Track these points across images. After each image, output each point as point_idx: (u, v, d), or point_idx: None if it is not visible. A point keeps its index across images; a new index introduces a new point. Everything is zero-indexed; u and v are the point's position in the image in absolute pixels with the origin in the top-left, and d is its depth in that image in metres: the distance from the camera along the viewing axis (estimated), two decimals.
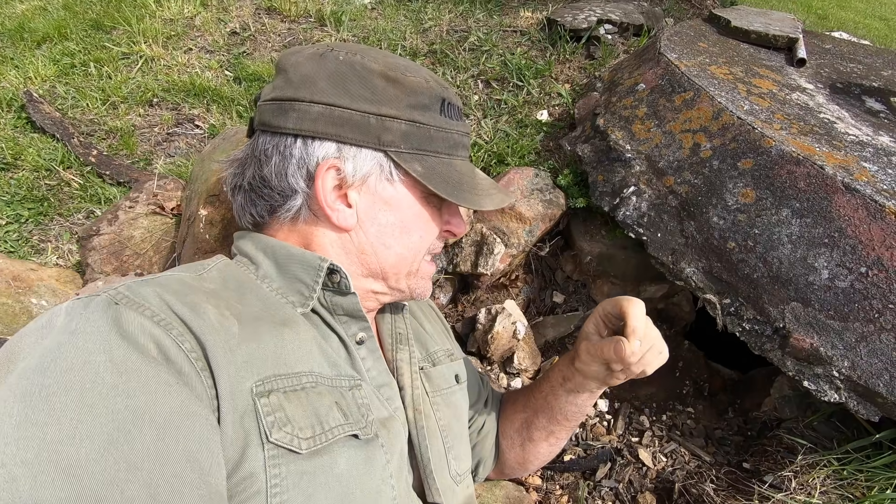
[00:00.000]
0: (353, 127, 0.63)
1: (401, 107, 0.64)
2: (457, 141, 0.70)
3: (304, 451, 0.50)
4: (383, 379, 0.67)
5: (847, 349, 1.04)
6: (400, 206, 0.68)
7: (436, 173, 0.67)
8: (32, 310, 1.13)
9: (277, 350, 0.54)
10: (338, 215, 0.65)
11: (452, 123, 0.69)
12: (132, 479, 0.39)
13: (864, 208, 1.08)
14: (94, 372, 0.41)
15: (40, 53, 2.15)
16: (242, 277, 0.62)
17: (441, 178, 0.67)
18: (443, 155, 0.68)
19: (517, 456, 0.94)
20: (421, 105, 0.66)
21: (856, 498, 1.05)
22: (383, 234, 0.68)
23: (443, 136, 0.68)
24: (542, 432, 0.90)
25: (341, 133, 0.62)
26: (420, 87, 0.66)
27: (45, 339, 0.43)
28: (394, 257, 0.69)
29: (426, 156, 0.67)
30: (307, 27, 2.44)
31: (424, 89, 0.66)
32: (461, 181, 0.69)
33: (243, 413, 0.48)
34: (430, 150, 0.67)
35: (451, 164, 0.69)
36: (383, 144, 0.64)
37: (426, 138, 0.66)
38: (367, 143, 0.63)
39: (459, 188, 0.68)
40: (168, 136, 1.92)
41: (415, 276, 0.72)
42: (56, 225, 1.56)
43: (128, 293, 0.48)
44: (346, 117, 0.62)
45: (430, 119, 0.66)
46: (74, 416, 0.39)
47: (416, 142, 0.65)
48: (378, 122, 0.63)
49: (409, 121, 0.65)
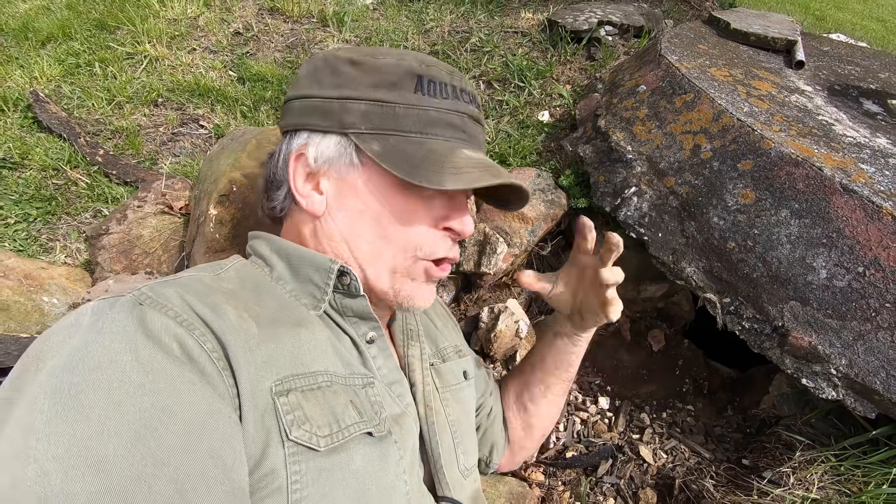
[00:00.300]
0: (319, 113, 0.65)
1: (361, 87, 0.63)
2: (435, 119, 0.64)
3: (322, 449, 0.52)
4: (394, 376, 0.68)
5: (845, 347, 1.06)
6: (367, 191, 0.64)
7: (396, 152, 0.62)
8: (44, 307, 1.15)
9: (294, 350, 0.56)
10: (307, 201, 0.66)
11: (431, 101, 0.64)
12: (159, 474, 0.40)
13: (862, 209, 1.11)
14: (120, 370, 0.42)
15: (45, 53, 2.16)
16: (259, 278, 0.63)
17: (402, 158, 0.62)
18: (413, 134, 0.63)
19: (522, 422, 0.98)
20: (386, 83, 0.63)
21: (853, 493, 1.07)
22: (350, 219, 0.65)
23: (414, 113, 0.63)
24: (539, 387, 0.96)
25: (309, 121, 0.65)
26: (387, 66, 0.63)
27: (73, 337, 0.45)
28: (366, 246, 0.65)
29: (389, 135, 0.63)
30: (310, 27, 2.45)
31: (391, 67, 0.63)
32: (426, 158, 0.62)
33: (264, 411, 0.50)
34: (396, 129, 0.63)
35: (423, 143, 0.63)
36: (345, 127, 0.63)
37: (390, 117, 0.63)
38: (330, 127, 0.64)
39: (423, 167, 0.61)
40: (173, 136, 1.94)
41: (401, 277, 0.66)
42: (64, 224, 1.57)
43: (151, 294, 0.50)
44: (314, 105, 0.65)
45: (397, 97, 0.63)
46: (102, 412, 0.40)
47: (377, 121, 0.63)
48: (340, 105, 0.63)
49: (371, 100, 0.63)
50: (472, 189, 0.72)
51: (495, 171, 0.64)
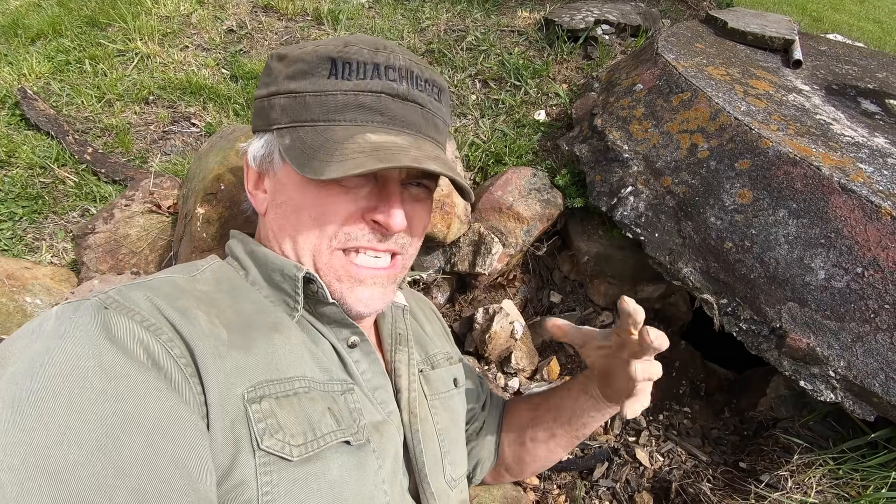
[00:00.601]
0: (256, 114, 0.66)
1: (280, 79, 0.62)
2: (343, 103, 0.59)
3: (295, 459, 0.50)
4: (378, 381, 0.66)
5: (843, 349, 1.04)
6: (287, 185, 0.63)
7: (300, 143, 0.59)
8: (27, 308, 1.12)
9: (269, 355, 0.54)
10: (254, 200, 0.68)
11: (344, 84, 0.59)
12: (120, 484, 0.39)
13: (861, 209, 1.09)
14: (82, 377, 0.41)
15: (34, 50, 2.13)
16: (235, 281, 0.62)
17: (301, 150, 0.59)
18: (319, 122, 0.60)
19: (516, 455, 0.93)
20: (298, 72, 0.60)
21: (851, 497, 1.05)
22: (279, 216, 0.64)
23: (322, 100, 0.59)
24: (546, 432, 0.89)
25: (254, 123, 0.67)
26: (304, 55, 0.60)
27: (35, 343, 0.43)
28: (290, 243, 0.63)
29: (299, 127, 0.60)
30: (304, 25, 2.43)
31: (307, 55, 0.60)
32: (321, 148, 0.58)
33: (234, 419, 0.48)
34: (306, 119, 0.60)
35: (325, 132, 0.59)
36: (271, 124, 0.63)
37: (301, 107, 0.60)
38: (262, 126, 0.65)
39: (313, 157, 0.57)
40: (164, 134, 1.91)
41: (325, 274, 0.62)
42: (51, 223, 1.54)
43: (118, 297, 0.48)
44: (255, 108, 0.67)
45: (308, 85, 0.60)
46: (63, 421, 0.39)
47: (292, 114, 0.61)
48: (267, 103, 0.64)
49: (287, 92, 0.61)
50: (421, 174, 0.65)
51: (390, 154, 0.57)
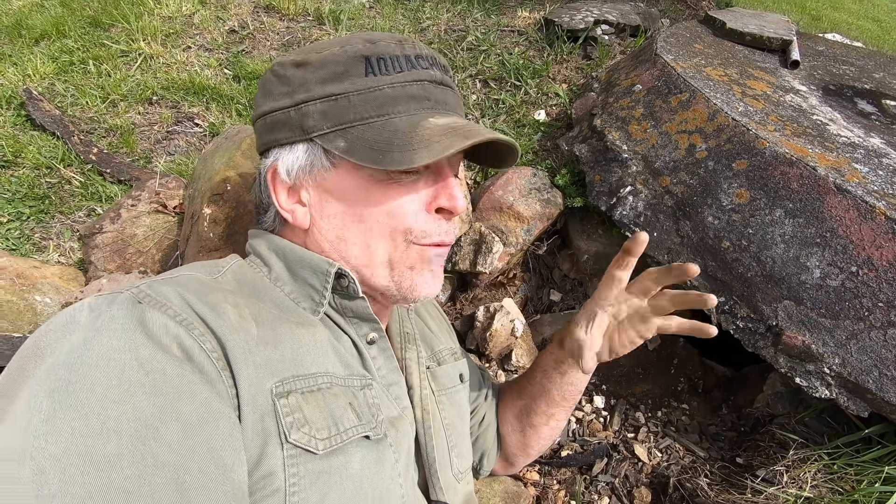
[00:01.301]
0: (280, 127, 0.62)
1: (311, 86, 0.60)
2: (393, 96, 0.60)
3: (320, 452, 0.51)
4: (393, 378, 0.68)
5: (838, 346, 1.06)
6: (343, 193, 0.62)
7: (361, 143, 0.59)
8: (36, 307, 1.14)
9: (294, 351, 0.55)
10: (293, 216, 0.64)
11: (386, 79, 0.60)
12: (159, 474, 0.40)
13: (856, 209, 1.11)
14: (119, 369, 0.42)
15: (38, 51, 2.15)
16: (257, 281, 0.63)
17: (366, 147, 0.58)
18: (372, 119, 0.60)
19: (518, 441, 0.94)
20: (334, 75, 0.60)
21: (846, 492, 1.07)
22: (336, 226, 0.63)
23: (368, 97, 0.60)
24: (542, 416, 0.90)
25: (276, 137, 0.63)
26: (330, 58, 0.60)
27: (71, 334, 0.44)
28: (356, 249, 0.63)
29: (350, 127, 0.60)
30: (306, 25, 2.44)
31: (335, 57, 0.60)
32: (391, 140, 0.58)
33: (263, 413, 0.49)
34: (355, 119, 0.60)
35: (386, 125, 0.60)
36: (307, 132, 0.61)
37: (346, 108, 0.60)
38: (293, 137, 0.62)
39: (387, 150, 0.58)
40: (168, 135, 1.93)
41: (400, 268, 0.64)
42: (57, 223, 1.56)
43: (150, 292, 0.49)
44: (274, 120, 0.63)
45: (347, 86, 0.60)
46: (102, 411, 0.40)
47: (335, 117, 0.60)
48: (296, 112, 0.61)
49: (323, 97, 0.60)
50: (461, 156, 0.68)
51: (467, 131, 0.59)
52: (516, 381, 0.98)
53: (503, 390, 1.00)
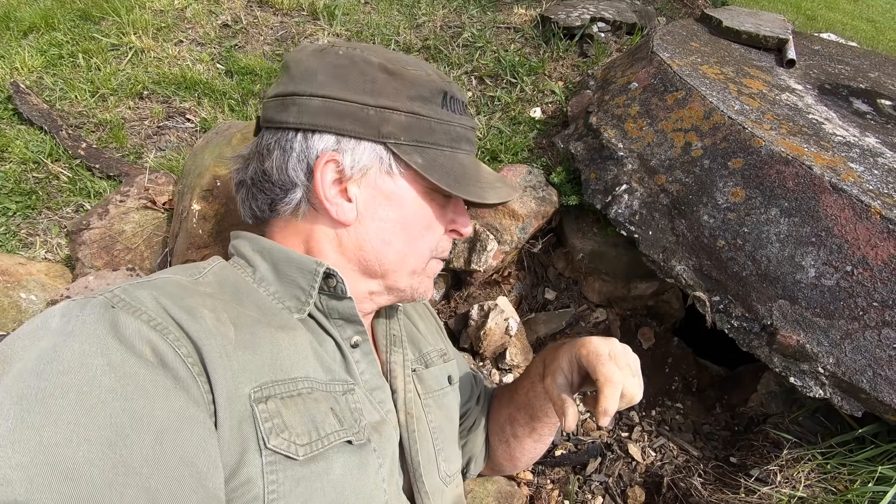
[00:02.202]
0: (352, 119, 0.62)
1: (401, 98, 0.63)
2: (460, 134, 0.68)
3: (300, 458, 0.50)
4: (376, 382, 0.67)
5: (832, 346, 1.06)
6: (401, 201, 0.66)
7: (437, 165, 0.65)
8: (21, 304, 1.12)
9: (274, 355, 0.54)
10: (337, 209, 0.63)
11: (455, 117, 0.68)
12: (130, 482, 0.39)
13: (851, 208, 1.11)
14: (91, 375, 0.41)
15: (27, 44, 2.11)
16: (239, 282, 0.61)
17: (443, 171, 0.65)
18: (445, 148, 0.66)
19: (504, 452, 0.93)
20: (421, 97, 0.64)
21: (839, 491, 1.07)
22: (384, 229, 0.66)
23: (445, 128, 0.66)
24: (525, 429, 0.88)
25: (340, 125, 0.62)
26: (421, 80, 0.65)
27: (41, 340, 0.43)
28: (394, 254, 0.67)
29: (427, 148, 0.65)
30: (300, 20, 2.42)
31: (425, 81, 0.65)
32: (465, 174, 0.66)
33: (241, 419, 0.48)
34: (431, 142, 0.65)
35: (454, 158, 0.67)
36: (382, 136, 0.62)
37: (427, 130, 0.65)
38: (366, 135, 0.62)
39: (463, 181, 0.66)
40: (159, 130, 1.90)
41: (419, 276, 0.71)
42: (44, 219, 1.53)
43: (124, 296, 0.48)
44: (345, 110, 0.62)
45: (430, 111, 0.65)
46: (71, 418, 0.39)
47: (416, 133, 0.64)
48: (377, 113, 0.62)
49: (409, 112, 0.63)
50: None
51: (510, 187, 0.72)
52: (506, 388, 0.95)
53: (495, 396, 0.98)
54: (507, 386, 0.97)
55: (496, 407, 0.95)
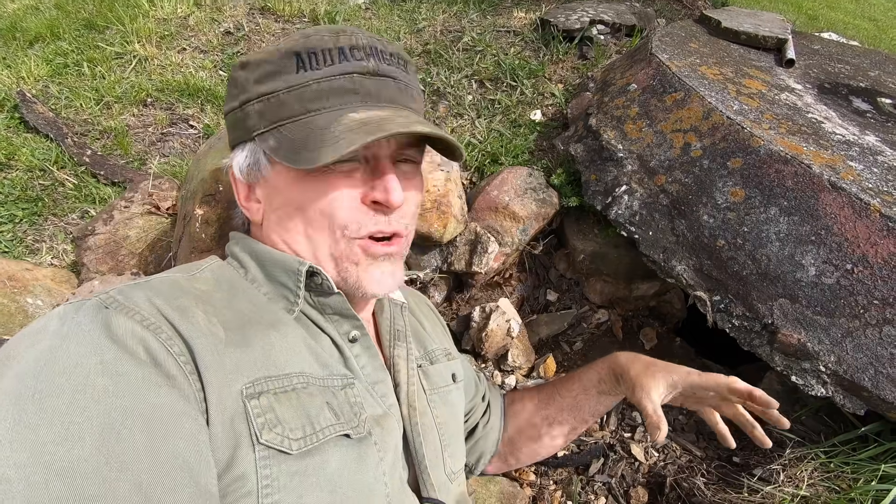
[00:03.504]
0: (233, 128, 0.66)
1: (249, 86, 0.62)
2: (318, 91, 0.60)
3: (294, 452, 0.51)
4: (378, 376, 0.67)
5: (833, 344, 1.06)
6: (283, 187, 0.63)
7: (286, 142, 0.60)
8: (28, 309, 1.14)
9: (266, 352, 0.55)
10: (250, 213, 0.68)
11: (314, 74, 0.60)
12: (122, 478, 0.40)
13: (850, 206, 1.11)
14: (85, 374, 0.42)
15: (33, 53, 2.14)
16: (234, 279, 0.63)
17: (288, 145, 0.60)
18: (299, 117, 0.61)
19: (530, 450, 0.97)
20: (266, 74, 0.61)
21: (842, 490, 1.07)
22: (281, 218, 0.65)
23: (297, 94, 0.60)
24: (565, 428, 0.93)
25: (232, 137, 0.67)
26: (265, 57, 0.62)
27: (39, 343, 0.45)
28: (303, 243, 0.64)
29: (282, 125, 0.61)
30: (301, 27, 2.44)
31: (269, 56, 0.61)
32: (307, 139, 0.59)
33: (233, 415, 0.49)
34: (285, 117, 0.61)
35: (308, 123, 0.60)
36: (249, 132, 0.63)
37: (277, 106, 0.61)
38: (241, 137, 0.65)
39: (301, 149, 0.59)
40: (162, 136, 1.92)
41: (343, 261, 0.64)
42: (50, 225, 1.55)
43: (118, 297, 0.49)
44: (230, 121, 0.67)
45: (280, 84, 0.60)
46: (66, 417, 0.40)
47: (269, 115, 0.61)
48: (242, 113, 0.64)
49: (259, 96, 0.62)
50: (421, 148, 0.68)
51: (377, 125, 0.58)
52: (541, 391, 0.99)
53: (520, 397, 1.01)
54: (541, 388, 1.00)
55: (525, 409, 0.98)
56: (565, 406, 0.93)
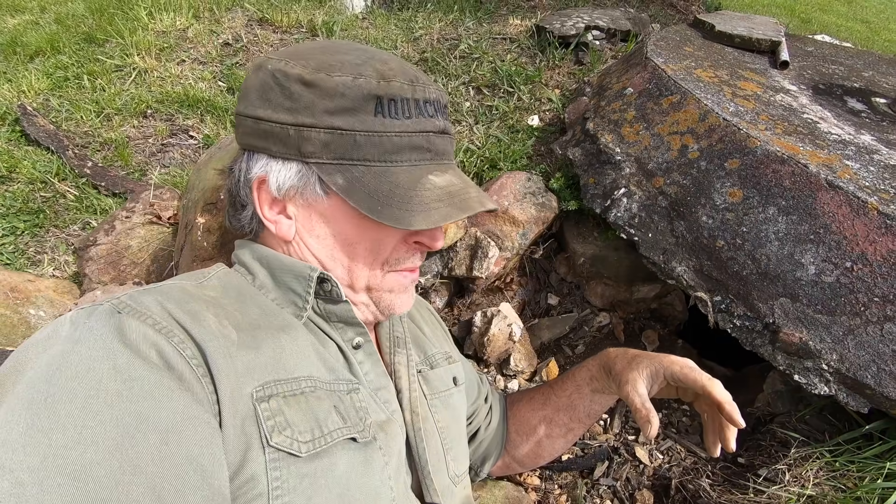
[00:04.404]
0: (275, 140, 0.61)
1: (317, 113, 0.58)
2: (399, 144, 0.61)
3: (303, 455, 0.51)
4: (380, 382, 0.68)
5: (835, 342, 1.06)
6: (336, 219, 0.63)
7: (360, 185, 0.59)
8: (31, 321, 1.14)
9: (276, 356, 0.55)
10: (276, 227, 0.64)
11: (395, 123, 0.60)
12: (136, 481, 0.40)
13: (848, 205, 1.11)
14: (97, 379, 0.43)
15: (33, 67, 2.16)
16: (241, 286, 0.63)
17: (366, 192, 0.59)
18: (375, 163, 0.60)
19: (531, 451, 0.97)
20: (342, 109, 0.58)
21: (848, 489, 1.07)
22: (324, 246, 0.64)
23: (376, 140, 0.60)
24: (562, 429, 0.93)
25: (268, 146, 0.61)
26: (343, 88, 0.58)
27: (51, 348, 0.45)
28: (342, 272, 0.65)
29: (352, 166, 0.60)
30: (299, 37, 2.46)
31: (349, 88, 0.58)
32: (392, 194, 0.59)
33: (244, 418, 0.50)
34: (357, 158, 0.60)
35: (387, 173, 0.60)
36: (304, 156, 0.60)
37: (350, 146, 0.59)
38: (290, 155, 0.60)
39: (386, 203, 0.59)
40: (163, 147, 1.93)
41: (378, 291, 0.67)
42: (52, 237, 1.56)
43: (130, 302, 0.49)
44: (269, 130, 0.60)
45: (355, 123, 0.59)
46: (79, 422, 0.40)
47: (338, 151, 0.59)
48: (296, 132, 0.59)
49: (328, 128, 0.59)
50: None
51: (462, 200, 0.62)
52: (538, 391, 0.99)
53: (518, 401, 1.02)
54: (537, 388, 1.01)
55: (524, 409, 0.98)
56: (561, 406, 0.93)
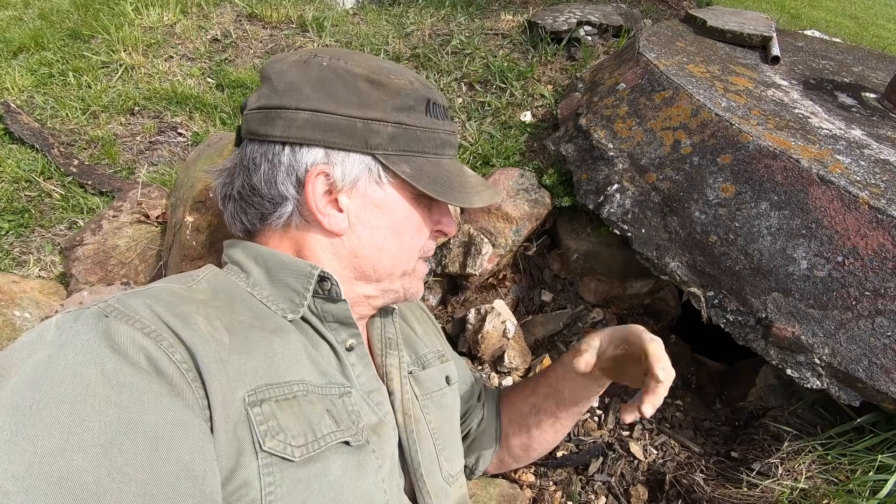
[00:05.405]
0: (340, 132, 0.63)
1: (386, 109, 0.64)
2: (444, 140, 0.70)
3: (297, 459, 0.51)
4: (373, 385, 0.67)
5: (827, 336, 1.07)
6: (391, 209, 0.68)
7: (424, 173, 0.67)
8: (16, 322, 1.12)
9: (268, 359, 0.55)
10: (329, 220, 0.65)
11: (438, 123, 0.70)
12: (126, 489, 0.39)
13: (839, 199, 1.12)
14: (85, 384, 0.41)
15: (17, 63, 2.12)
16: (232, 287, 0.62)
17: (430, 178, 0.67)
18: (430, 155, 0.69)
19: (522, 442, 0.97)
20: (406, 106, 0.66)
21: (840, 481, 1.07)
22: (375, 236, 0.68)
23: (429, 136, 0.68)
24: (550, 417, 0.94)
25: (329, 139, 0.63)
26: (404, 89, 0.66)
27: (37, 353, 0.44)
28: (387, 259, 0.69)
29: (414, 156, 0.67)
30: (289, 33, 2.43)
31: (409, 91, 0.66)
32: (450, 180, 0.69)
33: (236, 422, 0.49)
34: (418, 150, 0.67)
35: (439, 164, 0.70)
36: (370, 148, 0.64)
37: (413, 139, 0.67)
38: (354, 147, 0.64)
39: (449, 187, 0.68)
40: (151, 145, 1.90)
41: (409, 277, 0.73)
42: (38, 236, 1.53)
43: (118, 305, 0.48)
44: (333, 122, 0.63)
45: (415, 120, 0.67)
46: (66, 428, 0.39)
47: (403, 143, 0.66)
48: (364, 125, 0.63)
49: (396, 123, 0.65)
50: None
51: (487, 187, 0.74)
52: (528, 381, 1.01)
53: (510, 391, 1.02)
54: (528, 380, 1.03)
55: (515, 398, 0.99)
56: (549, 393, 0.94)
